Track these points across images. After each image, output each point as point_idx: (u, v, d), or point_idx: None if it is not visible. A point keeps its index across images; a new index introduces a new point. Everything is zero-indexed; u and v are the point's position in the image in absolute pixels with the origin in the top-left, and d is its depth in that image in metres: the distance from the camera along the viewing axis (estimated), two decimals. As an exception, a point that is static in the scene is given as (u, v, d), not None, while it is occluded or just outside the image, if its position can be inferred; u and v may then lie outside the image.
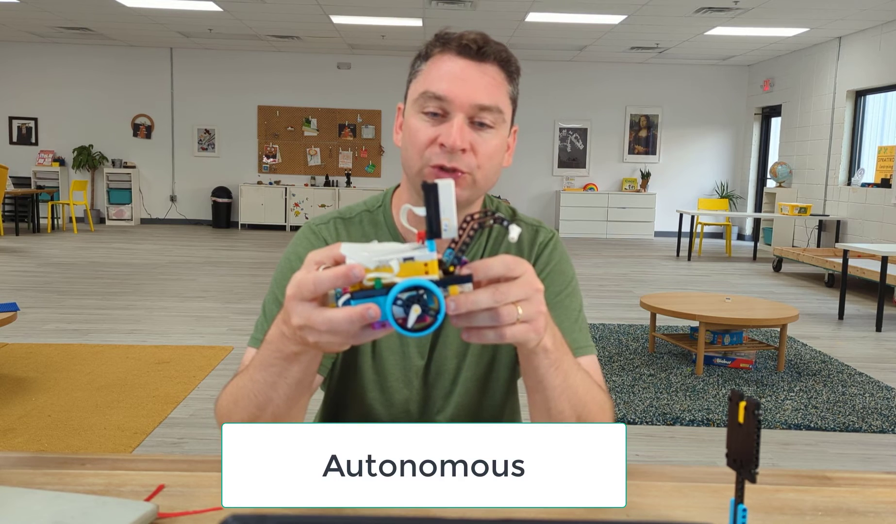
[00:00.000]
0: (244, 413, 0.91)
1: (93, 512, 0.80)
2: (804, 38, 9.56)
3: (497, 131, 1.03)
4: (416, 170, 1.03)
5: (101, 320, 5.19)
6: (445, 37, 1.04)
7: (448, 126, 1.00)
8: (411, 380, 1.14)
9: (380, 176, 12.22)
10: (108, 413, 3.37)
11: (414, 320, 0.68)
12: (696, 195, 12.32)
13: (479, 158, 1.02)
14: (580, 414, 0.91)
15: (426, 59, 1.05)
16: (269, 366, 0.84)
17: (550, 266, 1.15)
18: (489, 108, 1.01)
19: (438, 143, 1.00)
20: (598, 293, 6.79)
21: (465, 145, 1.00)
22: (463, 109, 1.00)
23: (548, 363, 0.85)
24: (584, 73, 12.14)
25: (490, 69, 1.02)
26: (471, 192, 1.04)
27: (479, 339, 0.73)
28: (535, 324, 0.74)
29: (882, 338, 5.31)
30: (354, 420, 1.17)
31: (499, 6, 8.25)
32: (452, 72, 1.01)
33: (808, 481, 0.98)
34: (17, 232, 10.23)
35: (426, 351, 1.14)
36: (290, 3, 8.41)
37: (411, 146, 1.03)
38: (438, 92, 1.00)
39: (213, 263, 8.01)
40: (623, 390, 3.89)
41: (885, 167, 8.57)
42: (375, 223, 1.16)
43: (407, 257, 0.69)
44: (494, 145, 1.03)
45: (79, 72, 11.82)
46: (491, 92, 1.01)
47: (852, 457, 3.15)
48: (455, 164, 1.00)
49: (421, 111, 1.02)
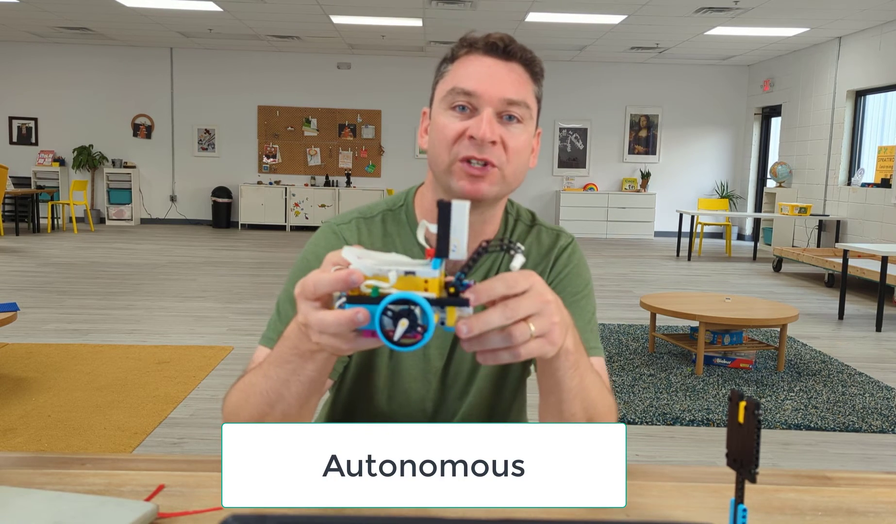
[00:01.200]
0: (254, 410, 0.91)
1: (93, 512, 0.80)
2: (804, 38, 9.56)
3: (525, 127, 1.04)
4: (445, 166, 1.03)
5: (101, 320, 5.19)
6: (471, 39, 1.06)
7: (478, 119, 1.01)
8: (430, 381, 1.14)
9: (380, 176, 12.22)
10: (108, 413, 3.37)
11: (401, 334, 0.68)
12: (696, 195, 12.32)
13: (509, 153, 1.02)
14: (591, 415, 0.92)
15: (452, 61, 1.07)
16: (286, 363, 0.84)
17: (568, 269, 1.17)
18: (517, 102, 1.02)
19: (468, 135, 1.01)
20: (598, 293, 6.77)
21: (494, 137, 1.00)
22: (492, 103, 1.01)
23: (567, 364, 0.85)
24: (584, 73, 12.14)
25: (516, 68, 1.04)
26: (500, 187, 1.04)
27: (495, 361, 0.73)
28: (550, 337, 0.74)
29: (882, 338, 5.31)
30: (365, 420, 1.17)
31: (499, 6, 8.25)
32: (480, 69, 1.03)
33: (808, 481, 0.98)
34: (17, 232, 10.23)
35: (446, 352, 1.14)
36: (290, 3, 8.41)
37: (440, 142, 1.04)
38: (467, 87, 1.01)
39: (213, 263, 8.00)
40: (623, 390, 3.89)
41: (885, 167, 8.57)
42: (398, 222, 1.16)
43: (409, 271, 0.69)
44: (523, 140, 1.04)
45: (79, 72, 11.82)
46: (518, 87, 1.03)
47: (852, 457, 3.15)
48: (486, 156, 1.01)
49: (450, 107, 1.03)
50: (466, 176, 1.02)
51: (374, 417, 1.15)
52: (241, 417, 0.93)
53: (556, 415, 0.91)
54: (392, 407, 1.15)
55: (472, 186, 1.02)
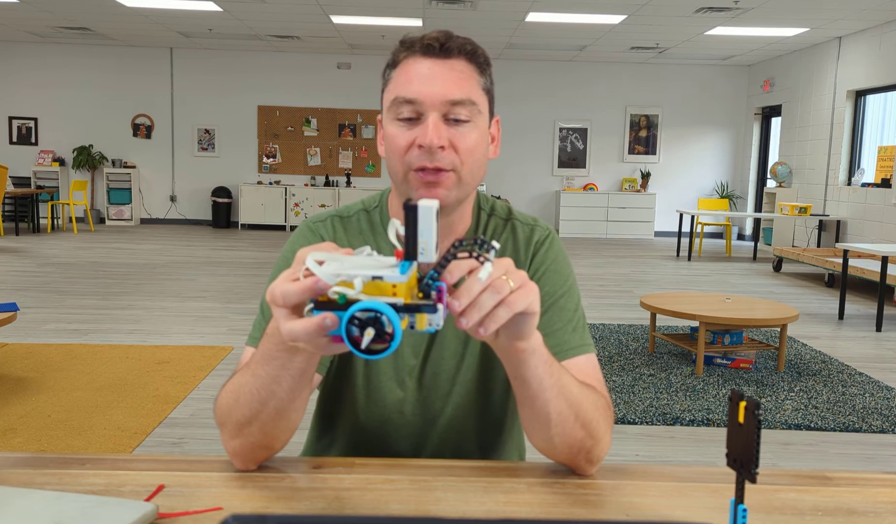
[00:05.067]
0: (246, 409, 0.90)
1: (93, 512, 0.80)
2: (804, 38, 9.56)
3: (474, 124, 1.02)
4: (401, 176, 1.03)
5: (101, 320, 5.19)
6: (409, 40, 1.03)
7: (424, 126, 0.99)
8: (404, 381, 1.12)
9: (380, 176, 12.22)
10: (108, 413, 3.37)
11: (367, 342, 0.67)
12: (696, 195, 12.32)
13: (461, 154, 1.01)
14: (577, 413, 0.91)
15: (394, 67, 1.04)
16: (272, 359, 0.85)
17: (546, 265, 1.13)
18: (461, 101, 1.00)
19: (417, 144, 1.00)
20: (598, 293, 6.79)
21: (442, 142, 0.99)
22: (435, 107, 0.99)
23: (538, 361, 0.85)
24: (584, 73, 12.14)
25: (457, 64, 1.01)
26: (457, 190, 1.03)
27: (494, 321, 0.73)
28: (526, 287, 0.75)
29: (882, 338, 5.31)
30: (346, 420, 1.16)
31: (499, 6, 8.25)
32: (420, 73, 1.00)
33: (808, 481, 0.98)
34: (17, 232, 10.23)
35: (421, 350, 1.12)
36: (290, 3, 8.41)
37: (392, 154, 1.03)
38: (409, 95, 1.00)
39: (213, 263, 8.00)
40: (623, 390, 3.89)
41: (885, 167, 8.57)
42: (372, 223, 1.16)
43: (376, 276, 0.68)
44: (474, 139, 1.02)
45: (79, 72, 11.82)
46: (461, 85, 1.01)
47: (852, 457, 3.15)
48: (437, 163, 1.00)
49: (396, 118, 1.02)
50: (423, 185, 1.01)
51: (355, 418, 1.14)
52: (234, 418, 0.92)
53: (544, 417, 0.90)
54: (370, 408, 1.13)
55: (429, 194, 1.01)
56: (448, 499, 0.90)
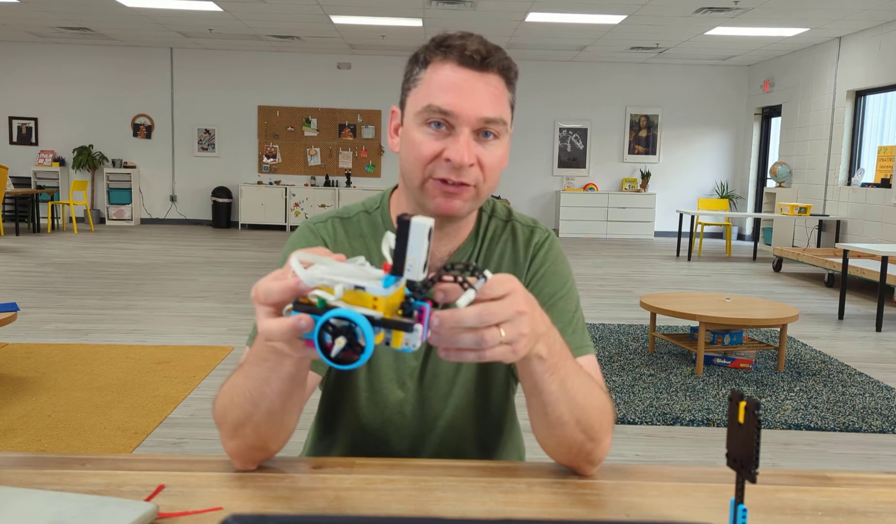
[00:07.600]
0: (240, 410, 0.91)
1: (93, 512, 0.80)
2: (804, 38, 9.56)
3: (501, 141, 1.02)
4: (419, 182, 1.02)
5: (101, 320, 5.19)
6: (446, 44, 1.00)
7: (454, 141, 0.98)
8: (405, 382, 1.13)
9: (380, 176, 12.22)
10: (108, 413, 3.37)
11: (338, 351, 0.67)
12: (696, 195, 12.32)
13: (486, 171, 1.01)
14: (579, 418, 0.91)
15: (425, 66, 1.02)
16: (264, 361, 0.85)
17: (545, 268, 1.13)
18: (494, 120, 0.99)
19: (444, 157, 0.99)
20: (598, 293, 6.78)
21: (472, 160, 0.98)
22: (469, 124, 0.98)
23: (542, 369, 0.85)
24: (584, 73, 12.14)
25: (493, 79, 1.00)
26: (473, 203, 1.04)
27: (458, 359, 0.73)
28: (515, 346, 0.74)
29: (882, 338, 5.31)
30: (348, 421, 1.16)
31: (499, 6, 8.25)
32: (456, 84, 0.98)
33: (808, 481, 0.98)
34: (17, 232, 10.23)
35: (422, 353, 1.13)
36: (290, 3, 8.41)
37: (415, 159, 1.01)
38: (444, 106, 0.97)
39: (213, 263, 8.00)
40: (623, 390, 3.89)
41: (885, 167, 8.57)
42: (373, 224, 1.15)
43: (359, 286, 0.67)
44: (499, 156, 1.03)
45: (79, 72, 11.82)
46: (495, 103, 0.99)
47: (852, 457, 3.15)
48: (462, 179, 0.99)
49: (424, 123, 1.00)
50: (441, 194, 1.00)
51: (356, 419, 1.15)
52: (230, 419, 0.93)
53: (542, 417, 0.91)
54: (371, 408, 1.13)
55: (447, 204, 1.01)
56: (448, 499, 0.90)
